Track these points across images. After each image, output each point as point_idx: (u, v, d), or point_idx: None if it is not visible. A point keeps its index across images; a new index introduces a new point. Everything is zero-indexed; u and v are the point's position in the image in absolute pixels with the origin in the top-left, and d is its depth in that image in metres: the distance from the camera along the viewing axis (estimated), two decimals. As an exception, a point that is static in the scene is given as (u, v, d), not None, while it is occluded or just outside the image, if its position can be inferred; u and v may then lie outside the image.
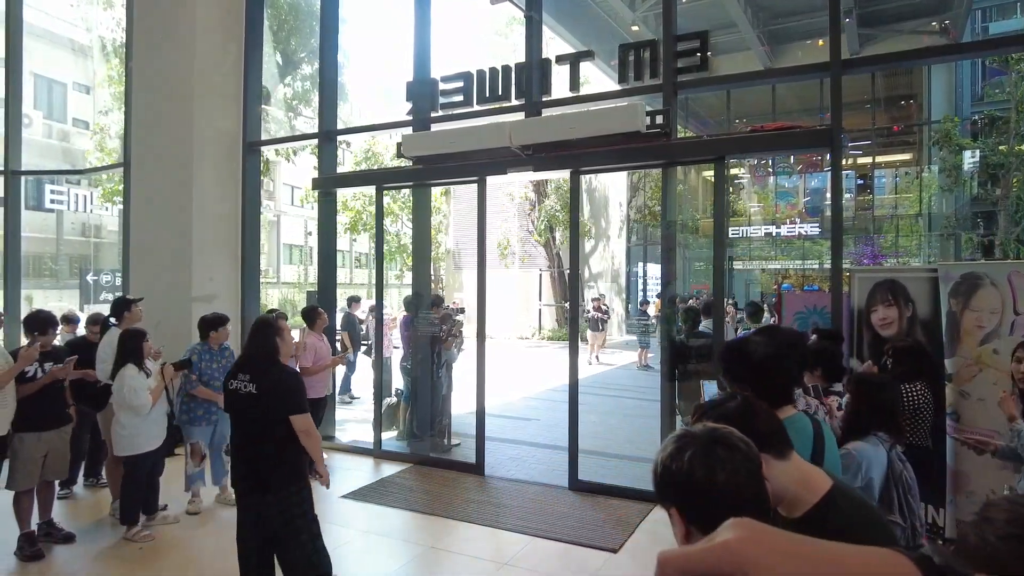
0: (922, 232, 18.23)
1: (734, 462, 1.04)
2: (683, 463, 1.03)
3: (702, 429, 1.10)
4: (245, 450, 3.13)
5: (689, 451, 1.04)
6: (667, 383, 5.30)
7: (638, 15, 15.68)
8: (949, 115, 16.31)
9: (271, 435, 3.05)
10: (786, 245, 20.65)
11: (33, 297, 16.23)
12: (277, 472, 3.06)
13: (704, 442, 1.06)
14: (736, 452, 1.05)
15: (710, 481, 1.01)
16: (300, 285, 27.00)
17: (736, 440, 1.07)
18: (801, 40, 17.20)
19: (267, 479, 3.05)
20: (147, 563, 4.07)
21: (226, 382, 3.20)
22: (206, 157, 7.14)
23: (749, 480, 1.04)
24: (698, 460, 1.03)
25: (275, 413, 3.06)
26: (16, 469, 4.12)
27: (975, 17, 17.33)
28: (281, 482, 3.06)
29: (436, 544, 4.41)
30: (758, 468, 1.07)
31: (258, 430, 3.07)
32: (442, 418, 6.79)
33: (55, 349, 4.52)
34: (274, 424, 3.05)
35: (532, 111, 5.87)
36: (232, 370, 3.21)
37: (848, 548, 0.43)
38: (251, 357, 3.19)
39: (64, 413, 4.41)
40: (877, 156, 19.84)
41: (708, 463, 1.03)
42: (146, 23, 7.40)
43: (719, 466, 1.02)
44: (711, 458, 1.03)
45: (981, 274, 3.75)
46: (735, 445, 1.06)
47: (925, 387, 3.24)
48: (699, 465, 1.02)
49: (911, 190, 19.02)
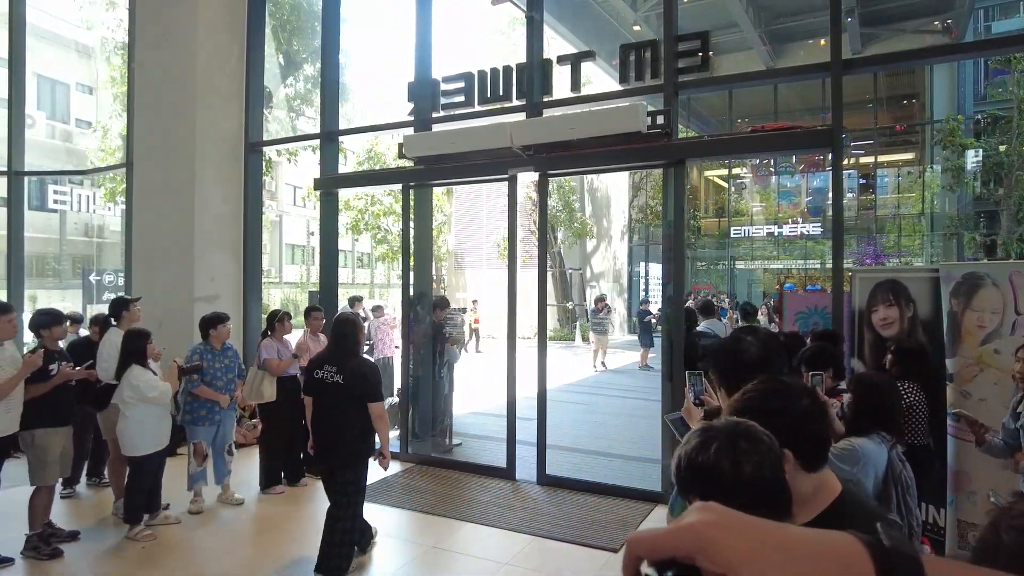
0: (924, 232, 18.20)
1: (759, 454, 1.05)
2: (709, 455, 1.05)
3: (725, 423, 1.12)
4: (326, 430, 3.67)
5: (715, 444, 1.06)
6: (667, 383, 5.29)
7: (640, 15, 15.68)
8: (952, 114, 16.28)
9: (351, 418, 3.61)
10: (789, 245, 20.64)
11: (37, 297, 16.29)
12: (350, 450, 3.63)
13: (729, 435, 1.07)
14: (760, 445, 1.07)
15: (736, 473, 1.03)
16: (303, 285, 27.05)
17: (760, 433, 1.09)
18: (803, 40, 17.18)
19: (342, 456, 3.62)
20: (149, 562, 4.08)
21: (312, 371, 3.73)
22: (208, 157, 7.16)
23: (773, 474, 1.06)
24: (724, 452, 1.04)
25: (356, 400, 3.61)
26: (45, 464, 4.15)
27: (977, 17, 17.29)
28: (352, 459, 3.66)
29: (438, 544, 4.42)
30: (781, 462, 1.09)
31: (339, 413, 3.63)
32: (444, 418, 6.80)
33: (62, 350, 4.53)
34: (352, 409, 3.62)
35: (533, 111, 5.87)
36: (317, 360, 3.75)
37: (807, 530, 0.45)
38: (336, 351, 3.70)
39: (71, 411, 4.44)
40: (879, 156, 19.81)
41: (734, 455, 1.04)
42: (148, 24, 7.42)
43: (745, 458, 1.04)
44: (737, 450, 1.05)
45: (982, 274, 3.74)
46: (759, 438, 1.08)
47: (917, 387, 3.25)
48: (725, 457, 1.04)
49: (913, 190, 18.99)
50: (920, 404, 3.22)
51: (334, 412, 3.64)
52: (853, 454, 2.36)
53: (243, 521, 4.85)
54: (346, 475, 3.67)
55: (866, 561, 0.43)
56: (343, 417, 3.61)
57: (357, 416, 3.61)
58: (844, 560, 0.43)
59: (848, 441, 2.43)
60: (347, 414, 3.61)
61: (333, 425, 3.64)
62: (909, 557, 0.43)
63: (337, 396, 3.62)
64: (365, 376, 3.62)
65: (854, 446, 2.39)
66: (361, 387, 3.60)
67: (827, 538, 0.45)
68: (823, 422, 1.37)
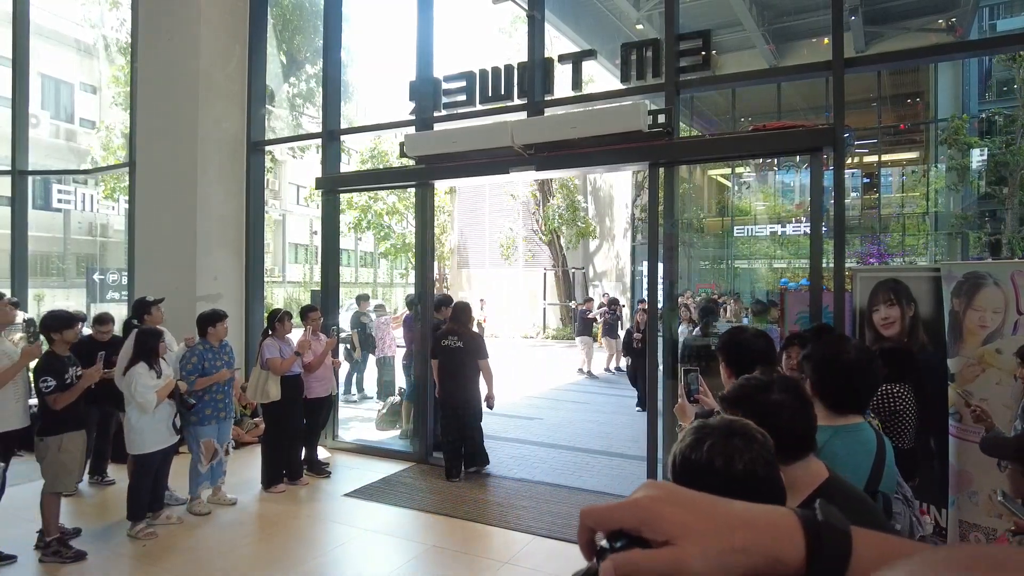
0: (929, 231, 18.12)
1: (752, 452, 1.06)
2: (702, 453, 1.06)
3: (719, 421, 1.13)
4: (451, 380, 5.60)
5: (708, 441, 1.07)
6: (669, 381, 5.29)
7: (642, 14, 15.64)
8: (956, 113, 16.20)
9: (466, 371, 5.57)
10: (792, 244, 20.57)
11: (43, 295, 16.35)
12: (468, 391, 5.61)
13: (723, 433, 1.08)
14: (754, 443, 1.08)
15: (729, 470, 1.04)
16: (306, 284, 27.11)
17: (754, 431, 1.10)
18: (806, 38, 17.10)
19: (463, 395, 5.59)
20: (151, 560, 4.10)
21: (439, 340, 5.67)
22: (211, 157, 7.18)
23: (766, 470, 1.07)
24: (717, 450, 1.06)
25: (471, 358, 5.57)
26: (70, 472, 4.15)
27: (982, 15, 17.21)
28: (470, 396, 5.63)
29: (439, 543, 4.43)
30: (774, 458, 1.10)
31: (459, 367, 5.57)
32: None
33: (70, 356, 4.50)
34: (469, 365, 5.57)
35: (534, 111, 5.87)
36: (443, 333, 5.70)
37: (748, 504, 0.49)
38: (456, 326, 5.69)
39: (87, 413, 4.45)
40: (883, 154, 19.73)
41: (727, 452, 1.05)
42: (151, 23, 7.44)
43: (737, 455, 1.05)
44: (730, 448, 1.06)
45: (984, 273, 3.73)
46: (752, 436, 1.09)
47: (907, 389, 3.20)
48: (718, 454, 1.05)
49: (917, 189, 18.91)
50: (908, 409, 3.16)
51: (455, 368, 5.56)
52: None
53: (245, 520, 4.86)
54: (467, 409, 5.61)
55: (798, 532, 0.47)
56: (461, 370, 5.56)
57: (471, 369, 5.58)
58: (777, 531, 0.47)
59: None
60: (465, 368, 5.56)
61: (453, 376, 5.57)
62: (838, 530, 0.47)
63: (458, 357, 5.55)
64: (476, 342, 5.63)
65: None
66: (474, 349, 5.58)
67: (765, 511, 0.49)
68: (800, 416, 1.38)
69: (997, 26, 17.39)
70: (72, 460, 4.18)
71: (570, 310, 19.92)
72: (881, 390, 3.08)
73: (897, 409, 3.09)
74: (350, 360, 9.53)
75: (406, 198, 17.74)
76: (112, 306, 12.05)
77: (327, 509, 5.09)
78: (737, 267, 21.96)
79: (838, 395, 1.81)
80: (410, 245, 18.21)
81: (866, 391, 1.89)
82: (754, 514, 0.48)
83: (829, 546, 0.46)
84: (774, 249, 20.71)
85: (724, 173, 23.53)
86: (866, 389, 1.88)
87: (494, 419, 8.25)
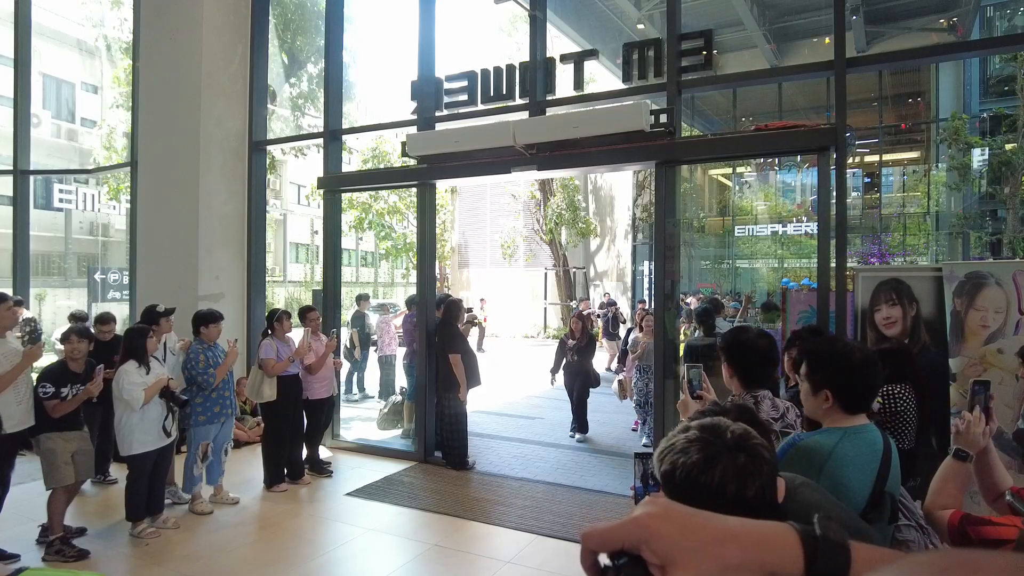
0: (930, 230, 18.10)
1: (762, 476, 1.03)
2: (714, 477, 1.01)
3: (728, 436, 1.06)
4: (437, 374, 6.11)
5: (720, 465, 1.02)
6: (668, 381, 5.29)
7: (644, 13, 15.63)
8: (958, 112, 16.18)
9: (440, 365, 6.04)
10: (794, 244, 20.55)
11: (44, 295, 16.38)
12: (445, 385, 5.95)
13: (730, 451, 1.03)
14: (763, 464, 1.04)
15: (740, 495, 1.01)
16: (307, 284, 27.11)
17: (760, 449, 1.06)
18: (808, 38, 17.09)
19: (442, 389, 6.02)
20: (153, 560, 4.11)
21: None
22: (212, 156, 7.18)
23: (773, 494, 1.05)
24: (730, 476, 1.01)
25: (442, 352, 5.97)
26: (56, 467, 4.16)
27: (984, 14, 17.18)
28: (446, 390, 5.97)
29: (440, 542, 4.44)
30: (776, 481, 1.07)
31: (440, 361, 6.02)
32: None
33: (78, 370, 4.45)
34: (441, 359, 6.01)
35: (536, 110, 5.87)
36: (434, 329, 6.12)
37: (745, 521, 0.49)
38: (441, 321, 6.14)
39: (79, 416, 4.43)
40: (884, 154, 19.71)
41: (741, 479, 1.01)
42: (153, 23, 7.45)
43: (751, 480, 1.02)
44: (741, 472, 1.02)
45: (985, 273, 3.74)
46: (760, 455, 1.05)
47: (907, 389, 3.20)
48: (731, 480, 1.01)
49: (919, 188, 18.89)
50: (909, 410, 3.15)
51: (439, 362, 6.01)
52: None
53: (248, 519, 4.87)
54: (444, 403, 5.99)
55: (797, 548, 0.47)
56: (441, 363, 6.00)
57: (444, 363, 5.93)
58: (776, 547, 0.47)
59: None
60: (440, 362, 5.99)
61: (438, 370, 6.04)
62: (838, 545, 0.47)
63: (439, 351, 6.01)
64: (446, 333, 6.00)
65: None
66: (445, 342, 5.92)
67: (762, 527, 0.49)
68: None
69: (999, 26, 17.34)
70: (54, 457, 4.15)
71: (571, 310, 19.94)
72: (882, 391, 3.07)
73: (898, 409, 3.09)
74: (350, 359, 9.54)
75: (407, 197, 17.73)
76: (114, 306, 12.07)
77: (329, 508, 5.10)
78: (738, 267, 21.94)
79: (852, 395, 1.78)
80: (411, 245, 18.21)
81: (875, 391, 1.88)
82: (749, 530, 0.48)
83: (827, 560, 0.47)
84: (775, 249, 20.71)
85: (725, 173, 23.52)
86: (875, 389, 1.87)
87: (495, 419, 8.26)
